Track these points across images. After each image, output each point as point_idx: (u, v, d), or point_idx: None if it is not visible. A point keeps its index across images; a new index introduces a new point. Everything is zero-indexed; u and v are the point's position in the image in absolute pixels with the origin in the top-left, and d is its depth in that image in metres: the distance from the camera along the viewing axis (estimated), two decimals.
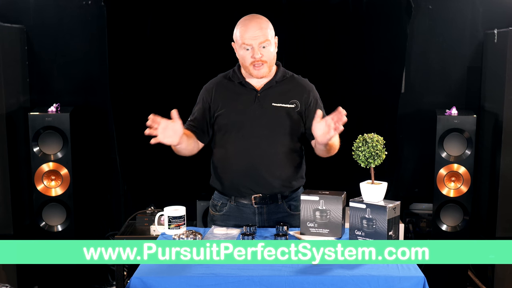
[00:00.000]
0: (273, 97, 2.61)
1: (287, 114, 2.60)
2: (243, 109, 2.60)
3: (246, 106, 2.60)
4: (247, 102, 2.60)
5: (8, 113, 3.75)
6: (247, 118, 2.59)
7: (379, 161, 2.23)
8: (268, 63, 2.57)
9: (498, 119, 3.75)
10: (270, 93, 2.61)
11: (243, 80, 2.63)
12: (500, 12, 4.02)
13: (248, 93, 2.62)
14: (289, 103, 2.61)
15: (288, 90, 2.64)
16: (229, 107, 2.61)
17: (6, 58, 3.73)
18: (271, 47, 2.57)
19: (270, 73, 2.62)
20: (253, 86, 2.62)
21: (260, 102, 2.60)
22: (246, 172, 2.57)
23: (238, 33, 2.58)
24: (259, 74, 2.58)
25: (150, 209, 3.84)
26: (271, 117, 2.59)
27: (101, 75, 4.06)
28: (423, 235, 4.10)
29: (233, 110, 2.60)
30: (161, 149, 4.06)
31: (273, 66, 2.64)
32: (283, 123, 2.60)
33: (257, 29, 2.54)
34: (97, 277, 4.19)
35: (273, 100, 2.60)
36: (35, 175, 3.74)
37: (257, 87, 2.62)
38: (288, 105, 2.61)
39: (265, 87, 2.62)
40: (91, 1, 4.01)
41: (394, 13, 3.95)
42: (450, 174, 3.81)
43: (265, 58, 2.55)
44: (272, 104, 2.60)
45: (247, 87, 2.63)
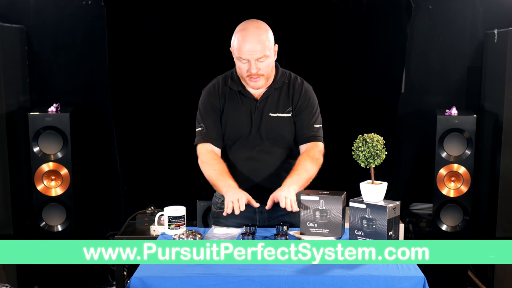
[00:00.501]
0: (271, 107, 2.58)
1: (284, 123, 2.59)
2: (244, 120, 2.58)
3: (247, 116, 2.58)
4: (247, 112, 2.58)
5: (8, 113, 3.75)
6: (247, 129, 2.58)
7: (379, 161, 2.22)
8: (265, 76, 2.52)
9: (498, 119, 3.75)
10: (268, 103, 2.59)
11: (242, 89, 2.59)
12: (500, 12, 4.02)
13: (248, 102, 2.59)
14: (285, 112, 2.59)
15: (284, 98, 2.60)
16: (231, 117, 2.59)
17: (6, 58, 3.73)
18: (269, 59, 2.51)
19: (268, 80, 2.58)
20: (253, 95, 2.59)
21: (259, 112, 2.58)
22: (244, 183, 2.56)
23: (235, 43, 2.50)
24: (255, 86, 2.54)
25: (150, 209, 3.84)
26: (269, 127, 2.58)
27: (101, 75, 4.05)
28: (423, 235, 4.10)
29: (234, 120, 2.59)
30: (161, 149, 4.10)
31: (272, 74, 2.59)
32: (281, 133, 2.59)
33: (255, 43, 2.45)
34: (97, 277, 4.19)
35: (271, 110, 2.58)
36: (35, 175, 3.74)
37: (256, 95, 2.59)
38: (285, 115, 2.59)
39: (263, 96, 2.58)
40: (91, 1, 4.01)
41: (394, 13, 3.95)
42: (450, 174, 3.81)
43: (262, 71, 2.50)
44: (270, 114, 2.58)
45: (247, 96, 2.59)
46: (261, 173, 2.60)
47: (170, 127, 4.04)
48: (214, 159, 2.56)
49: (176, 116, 4.00)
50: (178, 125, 3.99)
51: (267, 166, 2.60)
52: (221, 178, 2.50)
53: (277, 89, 2.60)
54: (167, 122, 4.05)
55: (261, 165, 2.60)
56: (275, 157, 2.60)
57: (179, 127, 3.97)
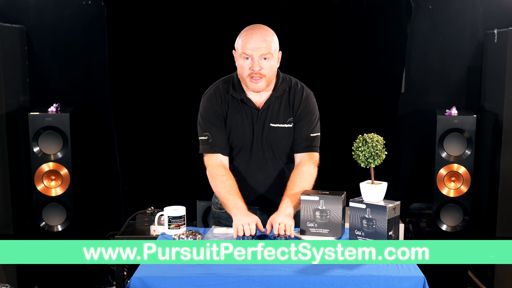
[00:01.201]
0: (271, 117, 2.55)
1: (285, 134, 2.57)
2: (245, 130, 2.56)
3: (248, 125, 2.56)
4: (249, 122, 2.56)
5: (8, 113, 3.75)
6: (248, 139, 2.56)
7: (379, 161, 2.22)
8: (267, 78, 2.46)
9: (498, 119, 3.75)
10: (269, 113, 2.56)
11: (244, 97, 2.54)
12: (500, 12, 4.02)
13: (250, 111, 2.55)
14: (286, 123, 2.56)
15: (285, 107, 2.56)
16: (234, 125, 2.56)
17: (6, 58, 3.73)
18: (273, 61, 2.46)
19: (269, 87, 2.53)
20: (254, 104, 2.55)
21: (260, 122, 2.55)
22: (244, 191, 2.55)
23: (240, 41, 2.46)
24: (255, 87, 2.46)
25: (150, 209, 3.84)
26: (270, 137, 2.56)
27: (101, 75, 4.05)
28: (423, 235, 4.10)
29: (237, 129, 2.56)
30: (161, 149, 4.10)
31: (273, 81, 2.55)
32: (281, 143, 2.58)
33: (260, 40, 2.42)
34: (97, 277, 4.19)
35: (271, 121, 2.55)
36: (35, 175, 3.74)
37: (258, 104, 2.55)
38: (286, 125, 2.56)
39: (265, 105, 2.55)
40: (91, 1, 4.01)
41: (394, 13, 3.95)
42: (450, 174, 3.81)
43: (264, 71, 2.44)
44: (270, 124, 2.56)
45: (249, 105, 2.55)
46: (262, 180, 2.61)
47: (170, 127, 4.04)
48: (223, 175, 2.51)
49: (176, 116, 4.00)
50: (178, 125, 4.00)
51: (266, 177, 2.60)
52: (230, 197, 2.45)
53: (278, 98, 2.56)
54: (167, 122, 4.05)
55: (262, 173, 2.60)
56: (274, 168, 2.60)
57: (179, 127, 3.97)
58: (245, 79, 2.47)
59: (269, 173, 2.61)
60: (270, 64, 2.45)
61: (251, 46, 2.42)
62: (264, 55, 2.42)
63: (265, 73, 2.45)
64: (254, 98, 2.55)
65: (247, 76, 2.46)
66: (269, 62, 2.45)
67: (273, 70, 2.49)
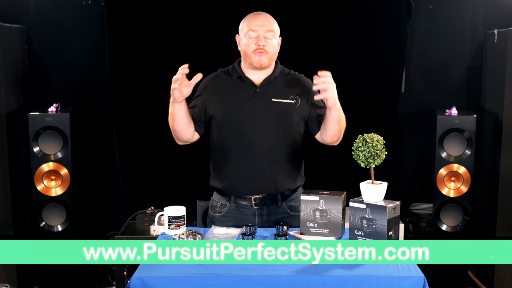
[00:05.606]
0: (273, 92, 2.59)
1: (287, 109, 2.58)
2: (242, 105, 2.58)
3: (245, 101, 2.58)
4: (246, 98, 2.58)
5: (8, 113, 3.75)
6: (247, 114, 2.57)
7: (379, 161, 2.23)
8: (270, 55, 2.57)
9: (498, 119, 3.75)
10: (269, 89, 2.60)
11: (242, 74, 2.61)
12: (500, 12, 4.02)
13: (247, 88, 2.60)
14: (289, 99, 2.59)
15: (288, 85, 2.62)
16: (228, 103, 2.59)
17: (6, 58, 3.73)
18: (275, 40, 2.59)
19: (269, 68, 2.61)
20: (252, 81, 2.60)
21: (259, 97, 2.58)
22: (245, 170, 2.56)
23: (245, 22, 2.61)
24: (259, 61, 2.55)
25: (150, 209, 3.84)
26: (271, 113, 2.57)
27: (101, 75, 4.06)
28: (423, 235, 4.10)
29: (232, 106, 2.58)
30: (161, 149, 4.10)
31: (273, 63, 2.63)
32: (283, 119, 2.58)
33: (265, 19, 2.58)
34: (97, 277, 4.19)
35: (273, 96, 2.58)
36: (35, 175, 3.74)
37: (256, 82, 2.60)
38: (289, 101, 2.59)
39: (264, 82, 2.60)
40: (91, 1, 4.01)
41: (394, 13, 3.95)
42: (450, 174, 3.81)
43: (268, 48, 2.55)
44: (272, 99, 2.58)
45: (246, 81, 2.61)
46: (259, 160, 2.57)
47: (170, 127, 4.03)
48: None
49: None
50: None
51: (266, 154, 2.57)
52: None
53: (277, 77, 2.63)
54: (167, 122, 4.04)
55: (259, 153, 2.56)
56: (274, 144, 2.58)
57: None
58: (250, 56, 2.56)
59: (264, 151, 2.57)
60: (273, 43, 2.58)
61: (256, 23, 2.57)
62: (269, 31, 2.56)
63: (269, 50, 2.56)
64: (253, 77, 2.61)
65: (253, 51, 2.56)
66: (272, 40, 2.58)
67: (275, 50, 2.61)
